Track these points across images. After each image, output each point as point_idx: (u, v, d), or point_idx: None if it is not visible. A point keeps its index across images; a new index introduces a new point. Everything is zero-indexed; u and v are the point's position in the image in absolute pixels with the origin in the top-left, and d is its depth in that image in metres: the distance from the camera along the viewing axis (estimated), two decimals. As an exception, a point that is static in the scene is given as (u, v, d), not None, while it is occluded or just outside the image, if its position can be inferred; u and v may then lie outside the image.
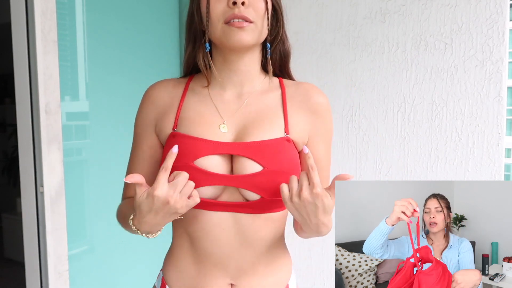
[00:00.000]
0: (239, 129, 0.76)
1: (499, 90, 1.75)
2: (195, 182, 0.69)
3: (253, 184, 0.72)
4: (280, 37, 0.79)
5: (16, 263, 3.43)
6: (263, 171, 0.72)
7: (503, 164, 1.77)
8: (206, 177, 0.71)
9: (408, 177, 1.94)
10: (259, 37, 0.75)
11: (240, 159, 0.73)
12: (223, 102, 0.79)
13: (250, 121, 0.77)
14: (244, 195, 0.73)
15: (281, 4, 0.79)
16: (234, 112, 0.78)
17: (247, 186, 0.72)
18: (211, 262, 0.76)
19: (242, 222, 0.75)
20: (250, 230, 0.75)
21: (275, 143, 0.74)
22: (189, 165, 0.71)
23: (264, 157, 0.72)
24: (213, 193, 0.73)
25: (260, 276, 0.78)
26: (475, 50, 1.78)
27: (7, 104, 4.39)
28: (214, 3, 0.72)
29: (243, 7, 0.71)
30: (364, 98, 2.02)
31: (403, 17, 1.91)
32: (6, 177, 4.20)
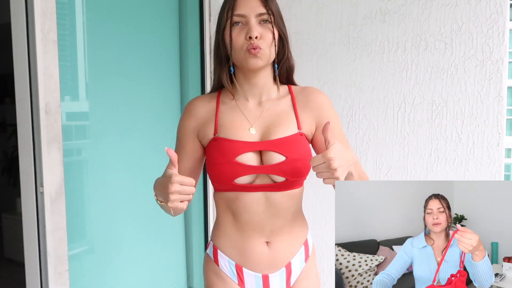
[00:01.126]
0: (264, 130, 1.02)
1: (499, 90, 1.75)
2: (237, 173, 0.98)
3: (279, 170, 0.98)
4: (286, 57, 1.04)
5: (16, 263, 3.43)
6: (286, 160, 0.98)
7: (503, 164, 1.77)
8: (244, 168, 0.98)
9: (408, 177, 1.94)
10: (269, 60, 1.01)
11: (268, 153, 0.99)
12: (248, 110, 1.04)
13: (271, 123, 1.02)
14: (273, 178, 1.00)
15: (286, 33, 1.03)
16: (258, 117, 1.03)
17: (275, 172, 0.99)
18: (250, 228, 1.03)
19: (271, 198, 1.01)
20: (278, 204, 1.02)
21: (292, 138, 1.00)
22: (232, 161, 0.98)
23: (285, 150, 0.98)
24: (250, 180, 1.00)
25: (286, 235, 1.05)
26: (475, 50, 1.78)
27: (7, 104, 4.39)
28: (236, 36, 0.98)
29: (256, 40, 0.96)
30: (364, 98, 2.02)
31: (403, 17, 1.91)
32: (6, 177, 4.20)
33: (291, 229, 1.06)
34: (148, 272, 1.87)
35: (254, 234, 1.03)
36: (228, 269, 1.07)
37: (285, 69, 1.07)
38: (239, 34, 0.98)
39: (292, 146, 0.99)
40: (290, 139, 1.00)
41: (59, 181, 1.32)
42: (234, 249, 1.05)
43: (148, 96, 1.81)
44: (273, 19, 0.99)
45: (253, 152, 0.99)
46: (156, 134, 1.87)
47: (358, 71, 2.02)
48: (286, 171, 0.98)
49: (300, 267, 1.08)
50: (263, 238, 1.04)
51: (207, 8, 1.99)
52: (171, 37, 1.95)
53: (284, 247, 1.05)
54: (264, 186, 1.00)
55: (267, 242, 1.04)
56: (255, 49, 0.96)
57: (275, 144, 0.99)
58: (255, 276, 1.05)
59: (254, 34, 0.95)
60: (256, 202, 1.01)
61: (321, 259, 2.21)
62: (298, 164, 0.99)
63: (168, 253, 1.97)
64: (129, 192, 1.75)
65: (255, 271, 1.05)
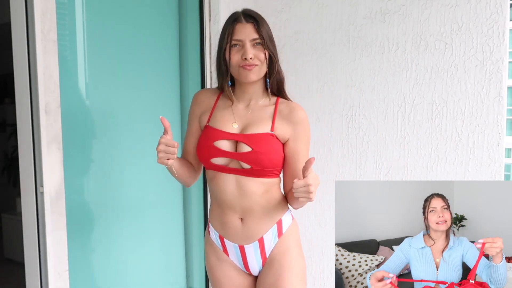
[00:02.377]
0: (243, 126, 1.25)
1: (499, 90, 1.75)
2: (212, 154, 1.22)
3: (245, 158, 1.20)
4: (276, 72, 1.26)
5: (16, 263, 3.43)
6: (252, 151, 1.20)
7: (503, 164, 1.77)
8: (218, 152, 1.22)
9: (408, 177, 1.94)
10: (261, 74, 1.24)
11: (240, 144, 1.22)
12: (237, 109, 1.28)
13: (251, 122, 1.25)
14: (241, 164, 1.21)
15: (275, 53, 1.25)
16: (243, 116, 1.27)
17: (241, 159, 1.20)
18: (226, 206, 1.25)
19: (240, 182, 1.23)
20: (245, 187, 1.22)
21: (262, 136, 1.22)
22: (210, 144, 1.23)
23: (253, 143, 1.20)
24: (224, 162, 1.22)
25: (257, 214, 1.24)
26: (475, 50, 1.78)
27: (7, 104, 4.39)
28: (233, 56, 1.21)
29: (251, 60, 1.19)
30: (364, 98, 2.02)
31: (403, 17, 1.91)
32: (6, 177, 4.20)
33: (262, 210, 1.24)
34: (148, 272, 1.87)
35: (229, 211, 1.25)
36: (215, 239, 1.31)
37: (276, 82, 1.28)
38: (236, 54, 1.21)
39: (259, 141, 1.20)
40: (260, 136, 1.21)
41: (59, 181, 1.32)
42: (217, 222, 1.29)
43: (148, 96, 1.81)
44: (264, 42, 1.21)
45: (228, 141, 1.23)
46: (156, 134, 1.87)
47: (358, 71, 2.02)
48: (251, 160, 1.19)
49: (273, 242, 1.26)
50: (237, 215, 1.25)
51: (207, 8, 1.99)
52: (171, 37, 1.95)
53: (255, 224, 1.24)
54: (234, 170, 1.22)
55: (241, 219, 1.25)
56: (250, 66, 1.20)
57: (246, 137, 1.22)
58: (233, 245, 1.27)
59: (249, 56, 1.19)
60: (227, 183, 1.23)
61: (321, 259, 2.21)
62: (261, 156, 1.19)
63: (168, 253, 1.97)
64: (129, 192, 1.75)
65: (233, 242, 1.27)
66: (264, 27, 1.23)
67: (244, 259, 1.28)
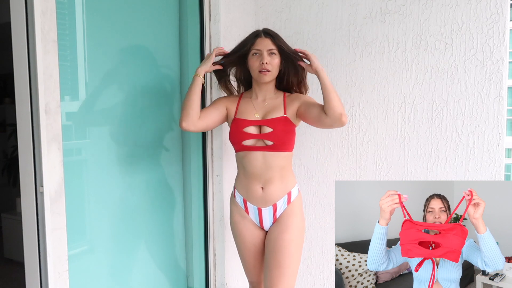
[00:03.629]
0: (263, 114, 1.67)
1: (499, 90, 1.75)
2: (244, 137, 1.63)
3: (268, 137, 1.61)
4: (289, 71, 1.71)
5: (16, 263, 3.43)
6: (273, 131, 1.61)
7: (503, 164, 1.77)
8: (248, 135, 1.63)
9: (408, 177, 1.94)
10: (273, 76, 1.68)
11: (263, 127, 1.64)
12: (256, 103, 1.72)
13: (268, 111, 1.68)
14: (266, 143, 1.62)
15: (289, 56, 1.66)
16: (262, 107, 1.69)
17: (266, 138, 1.61)
18: (251, 176, 1.65)
19: (266, 156, 1.62)
20: (269, 160, 1.62)
21: (279, 119, 1.63)
22: (241, 130, 1.64)
23: (273, 125, 1.62)
24: (252, 143, 1.63)
25: (274, 184, 1.64)
26: (475, 50, 1.78)
27: (7, 104, 4.38)
28: (254, 62, 1.64)
29: (266, 65, 1.62)
30: (364, 98, 2.02)
31: (403, 17, 1.91)
32: (6, 177, 4.20)
33: (279, 182, 1.64)
34: (148, 272, 1.87)
35: (255, 180, 1.65)
36: (240, 201, 1.72)
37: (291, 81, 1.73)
38: (256, 61, 1.64)
39: (278, 123, 1.62)
40: (277, 119, 1.63)
41: (59, 181, 1.32)
42: (243, 189, 1.70)
43: (148, 96, 1.81)
44: (278, 51, 1.64)
45: (254, 126, 1.65)
46: (156, 134, 1.87)
47: (358, 71, 2.02)
48: (272, 137, 1.61)
49: (283, 207, 1.66)
50: (260, 184, 1.65)
51: (207, 8, 1.99)
52: (171, 37, 1.95)
53: (272, 192, 1.64)
54: (261, 147, 1.63)
55: (262, 188, 1.65)
56: (266, 72, 1.62)
57: (267, 122, 1.64)
58: (253, 207, 1.68)
59: (265, 61, 1.61)
60: (255, 159, 1.63)
61: (321, 259, 2.21)
62: (280, 133, 1.60)
63: (168, 253, 1.97)
64: (129, 192, 1.75)
65: (253, 204, 1.68)
66: (279, 40, 1.64)
67: (260, 218, 1.68)
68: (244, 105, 1.72)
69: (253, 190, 1.66)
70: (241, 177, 1.71)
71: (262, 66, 1.61)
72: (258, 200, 1.66)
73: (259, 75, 1.64)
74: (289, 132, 1.63)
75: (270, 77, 1.66)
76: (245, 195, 1.70)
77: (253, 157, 1.63)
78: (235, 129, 1.66)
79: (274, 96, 1.72)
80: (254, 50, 1.63)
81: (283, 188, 1.66)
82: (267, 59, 1.61)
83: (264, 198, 1.65)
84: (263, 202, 1.66)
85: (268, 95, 1.71)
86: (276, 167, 1.63)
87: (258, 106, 1.70)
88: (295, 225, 1.66)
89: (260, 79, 1.65)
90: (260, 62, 1.61)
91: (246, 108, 1.70)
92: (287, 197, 1.67)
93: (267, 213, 1.67)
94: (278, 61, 1.64)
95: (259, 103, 1.71)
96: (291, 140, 1.65)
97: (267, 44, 1.62)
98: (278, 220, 1.67)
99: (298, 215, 1.68)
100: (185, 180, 2.06)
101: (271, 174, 1.63)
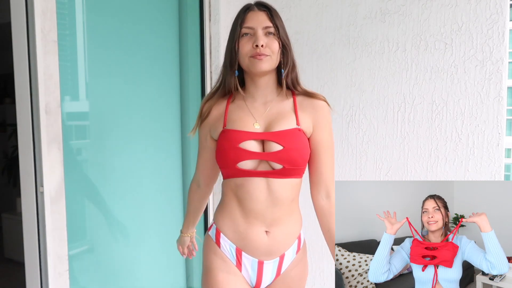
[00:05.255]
0: (266, 125, 1.15)
1: (499, 90, 1.75)
2: (240, 158, 1.09)
3: (277, 158, 1.10)
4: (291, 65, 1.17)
5: (16, 263, 3.43)
6: (283, 149, 1.10)
7: (503, 164, 1.76)
8: (246, 154, 1.10)
9: (408, 177, 1.94)
10: (273, 65, 1.14)
11: (268, 142, 1.11)
12: (254, 108, 1.17)
13: (273, 119, 1.15)
14: (272, 166, 1.11)
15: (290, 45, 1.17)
16: (262, 114, 1.16)
17: (273, 159, 1.10)
18: (253, 216, 1.13)
19: (272, 185, 1.12)
20: (277, 191, 1.12)
21: (290, 132, 1.12)
22: (236, 146, 1.10)
23: (283, 140, 1.10)
24: (252, 165, 1.11)
25: (284, 226, 1.15)
26: (475, 50, 1.78)
27: (7, 104, 4.39)
28: (244, 44, 1.11)
29: (262, 48, 1.09)
30: (364, 98, 2.02)
31: (403, 17, 1.91)
32: (6, 177, 4.20)
33: (288, 222, 1.17)
34: (148, 272, 1.87)
35: (256, 222, 1.13)
36: (229, 251, 1.17)
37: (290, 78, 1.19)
38: (247, 43, 1.12)
39: (289, 138, 1.11)
40: (289, 132, 1.12)
41: (59, 181, 1.32)
42: (237, 234, 1.16)
43: (148, 96, 1.81)
44: (278, 32, 1.13)
45: (255, 141, 1.12)
46: (156, 134, 1.88)
47: (358, 71, 2.02)
48: (283, 159, 1.10)
49: (291, 258, 1.19)
50: (264, 227, 1.14)
51: (207, 8, 1.99)
52: (171, 37, 1.95)
53: (281, 238, 1.16)
54: (265, 172, 1.11)
55: (266, 232, 1.14)
56: (261, 56, 1.10)
57: (275, 135, 1.11)
58: (252, 260, 1.16)
59: (260, 43, 1.09)
60: (258, 189, 1.12)
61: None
62: (293, 153, 1.10)
63: (168, 253, 1.97)
64: (129, 192, 1.75)
65: (253, 256, 1.16)
66: (278, 17, 1.15)
67: (259, 275, 1.17)
68: (235, 111, 1.18)
69: (255, 235, 1.14)
70: (232, 215, 1.16)
71: (255, 50, 1.09)
72: (260, 250, 1.15)
73: (251, 61, 1.10)
74: (305, 149, 1.13)
75: (269, 65, 1.12)
76: (239, 242, 1.15)
77: (253, 187, 1.11)
78: (225, 144, 1.12)
79: (278, 97, 1.19)
80: (244, 29, 1.12)
81: (293, 230, 1.19)
82: (262, 40, 1.09)
83: (269, 247, 1.15)
84: (267, 253, 1.15)
85: (269, 95, 1.18)
86: (285, 200, 1.13)
87: (257, 113, 1.16)
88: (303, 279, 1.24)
89: (254, 67, 1.11)
90: (253, 44, 1.10)
91: (239, 115, 1.16)
92: (297, 242, 1.21)
93: (270, 268, 1.17)
94: (278, 45, 1.12)
95: (258, 107, 1.17)
96: (306, 161, 1.15)
97: (262, 20, 1.12)
98: (282, 277, 1.19)
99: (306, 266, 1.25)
100: (185, 180, 2.06)
101: (279, 212, 1.13)
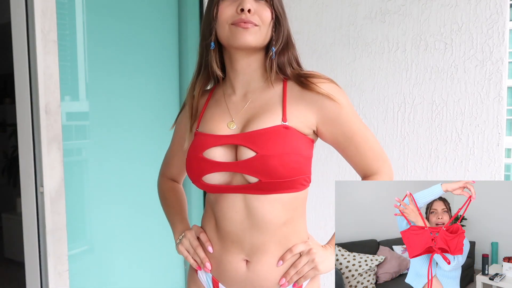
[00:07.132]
0: (244, 123, 0.87)
1: (499, 90, 1.75)
2: (204, 170, 0.84)
3: (249, 168, 0.81)
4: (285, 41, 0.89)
5: (16, 263, 3.43)
6: (256, 156, 0.80)
7: (503, 164, 1.76)
8: (212, 165, 0.83)
9: (408, 177, 1.94)
10: (262, 41, 0.85)
11: (240, 148, 0.83)
12: (232, 102, 0.90)
13: (253, 115, 0.86)
14: (247, 179, 0.82)
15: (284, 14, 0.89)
16: (241, 109, 0.88)
17: (244, 171, 0.81)
18: (229, 239, 0.87)
19: (252, 204, 0.84)
20: (257, 212, 0.84)
21: (270, 131, 0.82)
22: (199, 156, 0.85)
23: (257, 144, 0.81)
24: (223, 179, 0.84)
25: (269, 256, 0.86)
26: (475, 50, 1.78)
27: (7, 104, 4.39)
28: (223, 8, 0.82)
29: (249, 14, 0.81)
30: (364, 98, 2.02)
31: (403, 17, 1.91)
32: (6, 177, 4.20)
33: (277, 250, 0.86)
34: (147, 272, 1.87)
35: (233, 248, 0.87)
36: (205, 281, 0.94)
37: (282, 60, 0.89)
38: (229, 6, 0.82)
39: (265, 139, 0.80)
40: (267, 132, 0.81)
41: (59, 181, 1.32)
42: (212, 260, 0.91)
43: (148, 96, 1.81)
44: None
45: (223, 147, 0.84)
46: (156, 134, 1.87)
47: (358, 71, 2.02)
48: (257, 169, 0.79)
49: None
50: (242, 255, 0.87)
51: (207, 8, 1.99)
52: (171, 37, 1.95)
53: (265, 271, 0.86)
54: (239, 187, 0.83)
55: (246, 261, 0.87)
56: (246, 23, 0.80)
57: (247, 138, 0.82)
58: None
59: (246, 7, 0.79)
60: (233, 208, 0.85)
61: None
62: (272, 161, 0.79)
63: (167, 253, 1.97)
64: (129, 192, 1.75)
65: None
66: None
67: None
68: (213, 106, 0.92)
69: (230, 263, 0.88)
70: (209, 236, 0.92)
71: (239, 16, 0.81)
72: (238, 283, 0.88)
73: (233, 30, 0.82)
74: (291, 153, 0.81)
75: (254, 38, 0.82)
76: (215, 271, 0.91)
77: (227, 205, 0.86)
78: (190, 153, 0.87)
79: (264, 84, 0.89)
80: None
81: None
82: (250, 3, 0.81)
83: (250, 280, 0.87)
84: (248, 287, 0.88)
85: (252, 83, 0.89)
86: (270, 222, 0.84)
87: (236, 108, 0.89)
88: None
89: (235, 38, 0.82)
90: (238, 9, 0.81)
91: (213, 114, 0.90)
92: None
93: None
94: (269, 14, 0.83)
95: (237, 102, 0.90)
96: (298, 170, 0.82)
97: None
98: None
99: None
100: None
101: (262, 237, 0.85)
